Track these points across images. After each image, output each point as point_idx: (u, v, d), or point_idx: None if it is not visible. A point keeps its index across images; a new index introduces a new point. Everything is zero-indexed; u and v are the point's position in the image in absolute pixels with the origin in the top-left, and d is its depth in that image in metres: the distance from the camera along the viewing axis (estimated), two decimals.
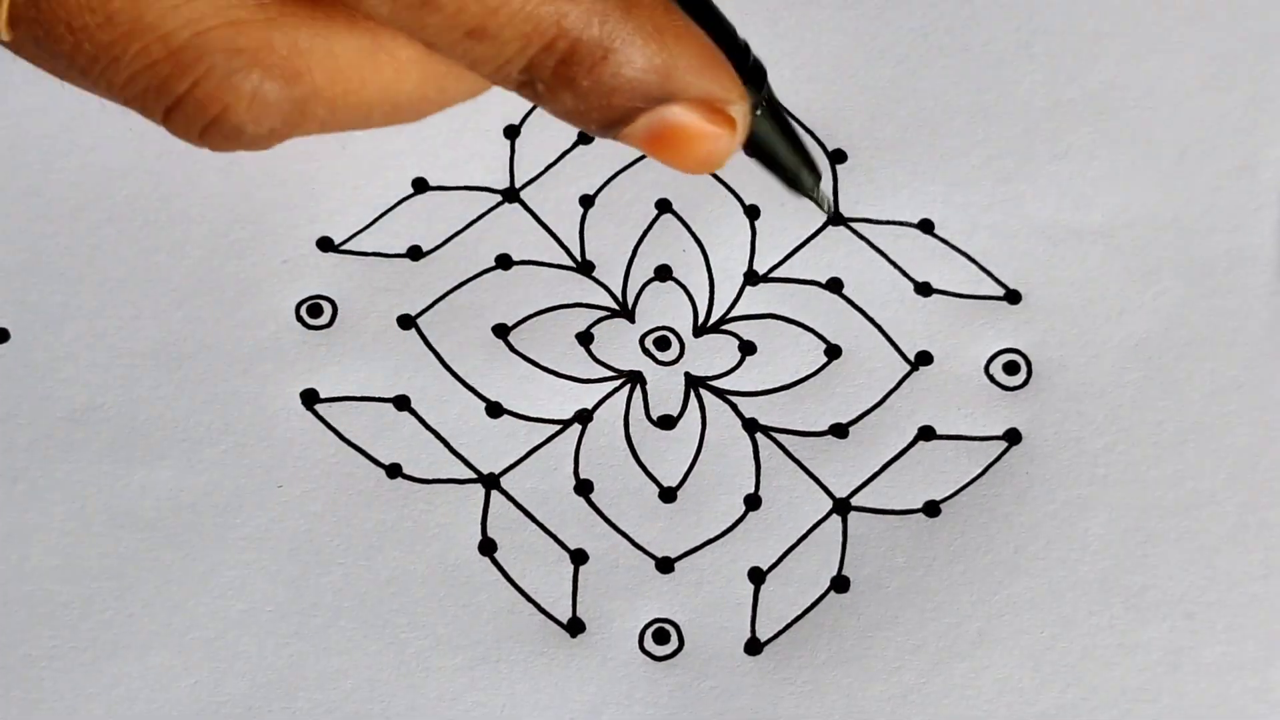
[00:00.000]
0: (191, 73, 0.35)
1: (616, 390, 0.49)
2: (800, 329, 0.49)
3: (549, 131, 0.51)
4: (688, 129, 0.37)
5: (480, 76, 0.36)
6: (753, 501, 0.48)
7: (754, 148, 0.42)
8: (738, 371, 0.49)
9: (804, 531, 0.47)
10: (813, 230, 0.50)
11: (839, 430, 0.48)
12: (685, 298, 0.49)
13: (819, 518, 0.48)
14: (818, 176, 0.43)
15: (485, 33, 0.35)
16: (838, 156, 0.51)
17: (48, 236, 0.49)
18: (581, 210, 0.50)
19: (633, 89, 0.36)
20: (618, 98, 0.36)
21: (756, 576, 0.47)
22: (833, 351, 0.49)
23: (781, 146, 0.42)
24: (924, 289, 0.50)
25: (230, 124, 0.36)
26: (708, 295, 0.49)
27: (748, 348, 0.49)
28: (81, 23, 0.35)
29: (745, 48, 0.39)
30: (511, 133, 0.51)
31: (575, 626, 0.47)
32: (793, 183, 0.43)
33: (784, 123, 0.42)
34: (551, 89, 0.36)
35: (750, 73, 0.39)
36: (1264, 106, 0.51)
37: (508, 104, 0.51)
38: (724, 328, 0.49)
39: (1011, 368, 0.49)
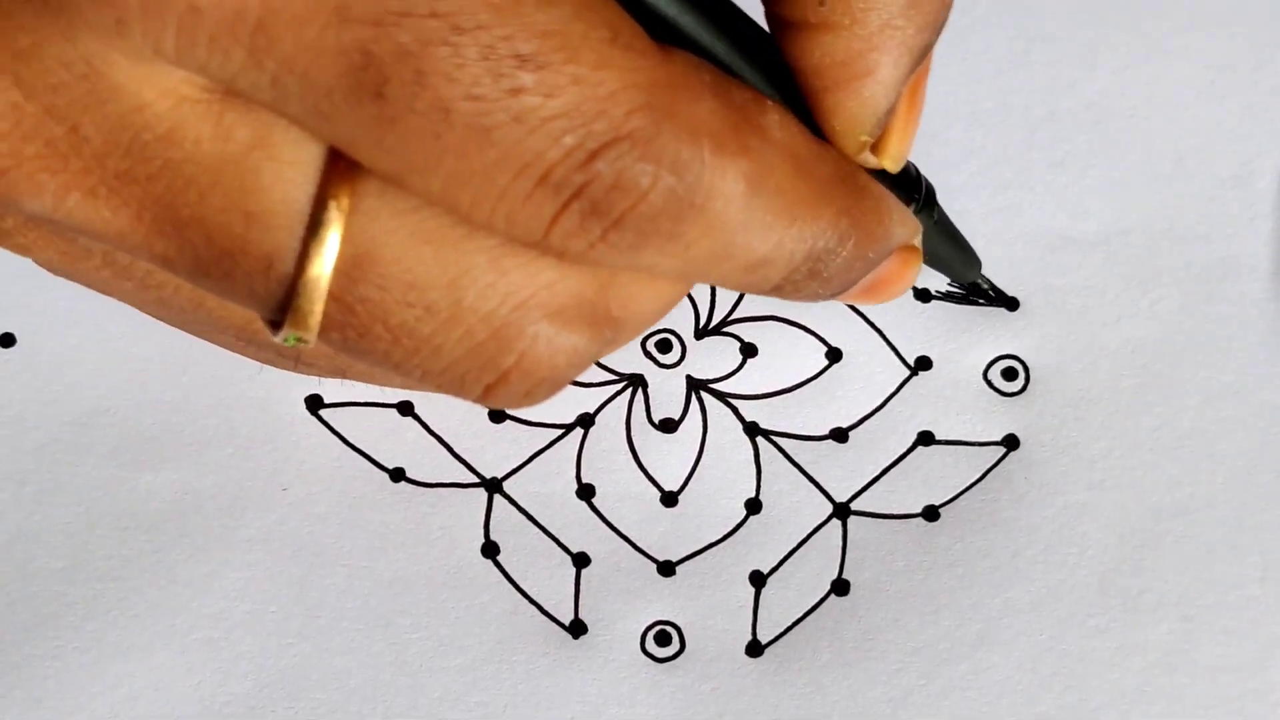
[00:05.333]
0: (516, 346, 0.33)
1: (618, 394, 0.49)
2: (801, 331, 0.49)
3: None
4: (893, 275, 0.38)
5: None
6: (753, 505, 0.48)
7: (929, 256, 0.43)
8: (739, 374, 0.49)
9: (804, 535, 0.48)
10: None
11: (839, 435, 0.49)
12: (686, 300, 0.50)
13: (819, 522, 0.48)
14: (979, 266, 0.46)
15: (764, 265, 0.34)
16: None
17: None
18: None
19: (866, 269, 0.37)
20: (854, 275, 0.37)
21: (757, 580, 0.47)
22: (833, 354, 0.49)
23: (953, 251, 0.44)
24: (923, 295, 0.50)
25: (552, 385, 0.35)
26: (709, 297, 0.50)
27: (749, 350, 0.49)
28: (399, 319, 0.32)
29: (917, 175, 0.40)
30: None
31: (577, 628, 0.47)
32: (961, 278, 0.46)
33: (951, 230, 0.44)
34: (799, 287, 0.36)
35: (925, 197, 0.40)
36: (1259, 115, 0.52)
37: None
38: (725, 330, 0.49)
39: (1010, 374, 0.49)
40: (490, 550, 0.47)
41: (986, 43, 0.52)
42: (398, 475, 0.48)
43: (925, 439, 0.49)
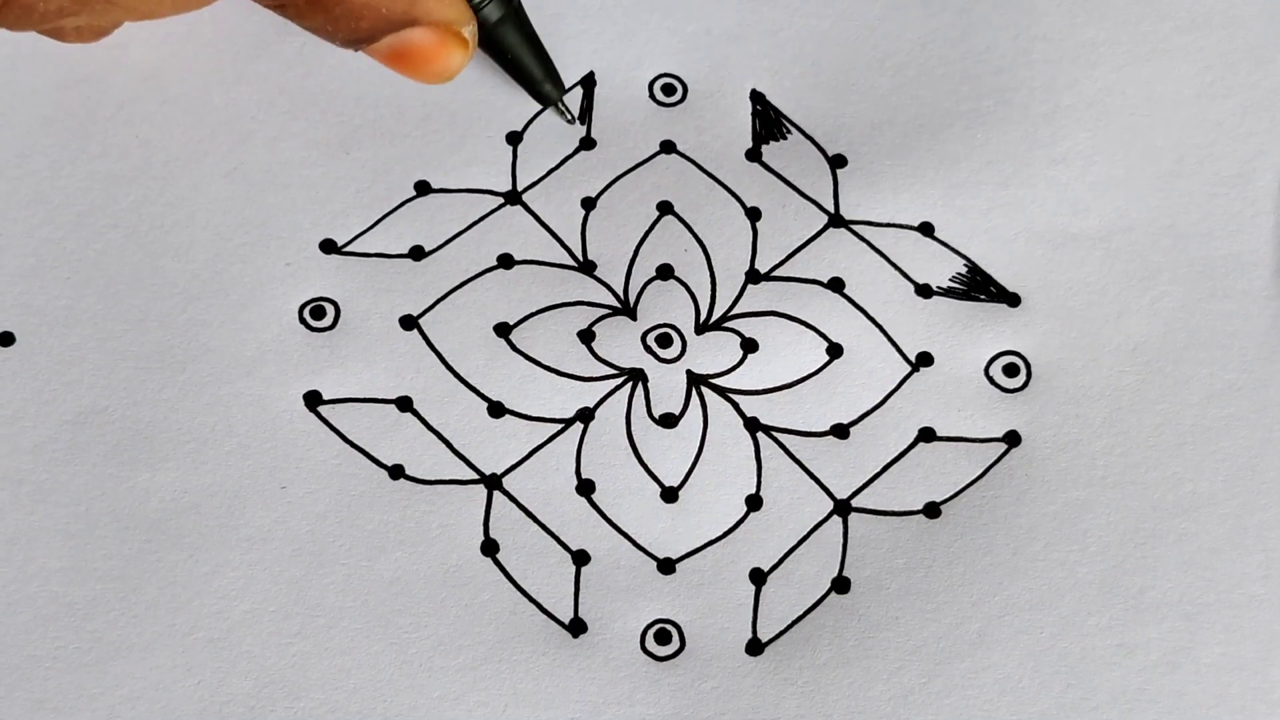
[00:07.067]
0: None
1: (618, 388, 0.49)
2: (802, 327, 0.49)
3: (551, 137, 0.51)
4: (425, 49, 0.42)
5: None
6: (754, 502, 0.48)
7: (503, 58, 0.48)
8: (739, 370, 0.49)
9: (805, 532, 0.48)
10: (814, 231, 0.50)
11: (840, 431, 0.49)
12: (687, 295, 0.50)
13: (820, 519, 0.48)
14: (560, 88, 0.50)
15: None
16: (839, 161, 0.51)
17: (53, 241, 0.49)
18: (583, 212, 0.51)
19: (378, 15, 0.40)
20: (365, 22, 0.40)
21: (758, 577, 0.47)
22: (834, 350, 0.49)
23: (527, 57, 0.49)
24: (924, 291, 0.50)
25: (22, 3, 0.38)
26: (710, 293, 0.50)
27: (749, 345, 0.49)
28: None
29: None
30: (514, 138, 0.51)
31: (577, 627, 0.47)
32: (537, 92, 0.50)
33: (531, 36, 0.48)
34: (303, 12, 0.39)
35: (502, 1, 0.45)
36: (1260, 113, 0.52)
37: (510, 110, 0.51)
38: (726, 325, 0.49)
39: (1011, 370, 0.49)
40: (490, 548, 0.47)
41: (987, 41, 0.52)
42: (397, 472, 0.48)
43: (926, 435, 0.48)
